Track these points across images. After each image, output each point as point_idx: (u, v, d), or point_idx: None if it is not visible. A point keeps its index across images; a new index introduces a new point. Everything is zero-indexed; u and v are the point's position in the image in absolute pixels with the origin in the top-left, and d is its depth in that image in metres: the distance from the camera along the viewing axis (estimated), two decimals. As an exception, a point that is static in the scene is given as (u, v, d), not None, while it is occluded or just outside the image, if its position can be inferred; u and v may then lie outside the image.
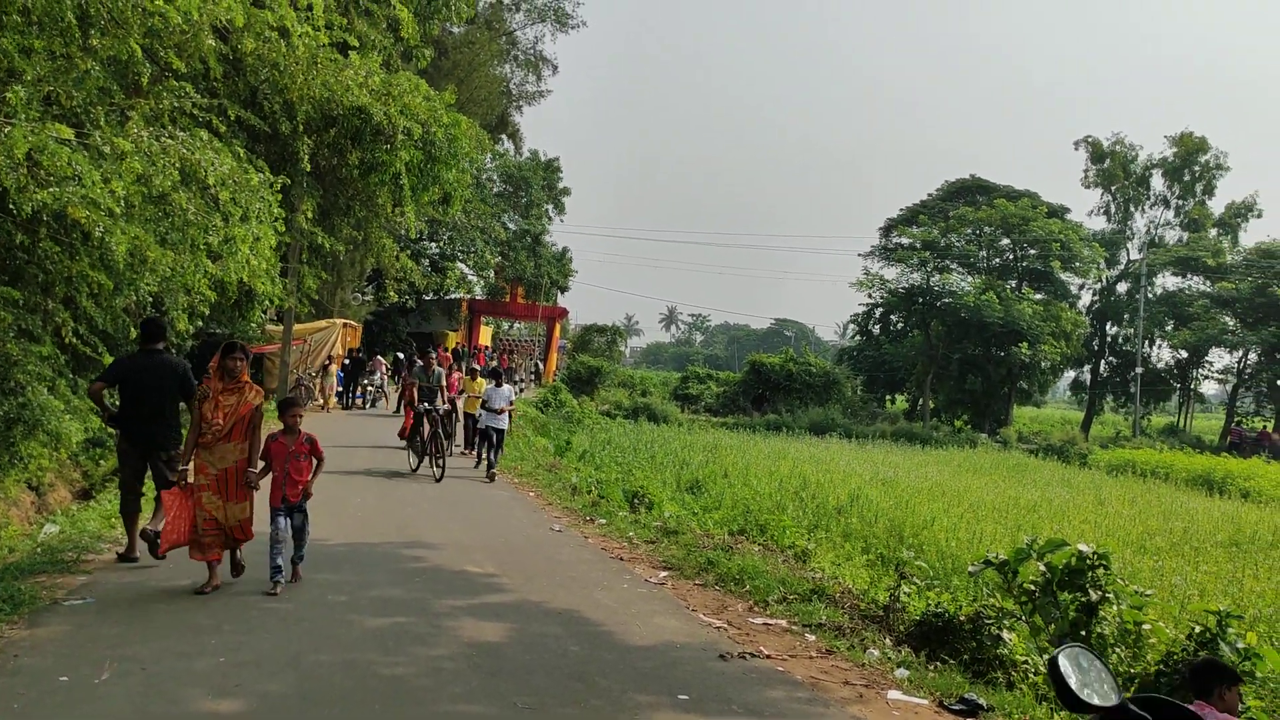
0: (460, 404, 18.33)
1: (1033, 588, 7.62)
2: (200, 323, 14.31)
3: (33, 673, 5.48)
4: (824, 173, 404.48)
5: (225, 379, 7.68)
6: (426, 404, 15.49)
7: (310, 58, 13.48)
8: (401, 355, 31.88)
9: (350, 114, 14.86)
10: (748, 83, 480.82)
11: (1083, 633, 7.16)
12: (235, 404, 7.62)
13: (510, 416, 16.61)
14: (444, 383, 16.43)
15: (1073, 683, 2.76)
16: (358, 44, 15.64)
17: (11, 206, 8.53)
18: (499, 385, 16.44)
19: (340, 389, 27.53)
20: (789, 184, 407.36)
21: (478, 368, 21.24)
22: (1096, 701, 2.76)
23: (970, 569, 8.42)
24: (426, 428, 15.29)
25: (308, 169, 15.34)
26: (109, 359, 10.79)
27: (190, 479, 7.60)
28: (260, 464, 7.76)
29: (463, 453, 18.21)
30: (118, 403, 8.62)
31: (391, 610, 7.36)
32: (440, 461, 14.93)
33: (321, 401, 25.11)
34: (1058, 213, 51.71)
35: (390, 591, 7.94)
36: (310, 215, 18.98)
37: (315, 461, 8.03)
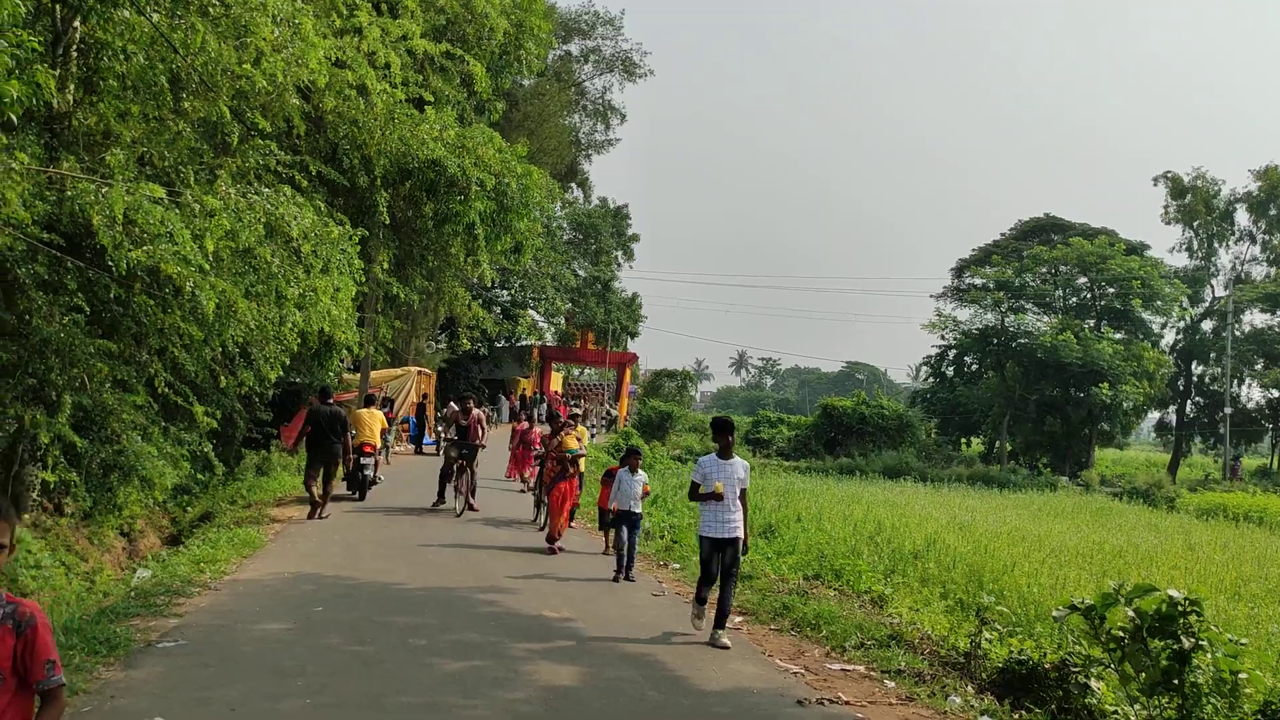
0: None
1: (1121, 634, 7.36)
2: (281, 372, 14.73)
3: (128, 713, 5.64)
4: (896, 214, 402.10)
5: None
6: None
7: (388, 114, 13.97)
8: (540, 407, 30.85)
9: (425, 167, 15.30)
10: (813, 131, 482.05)
11: (1175, 681, 6.91)
12: None
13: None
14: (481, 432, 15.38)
15: None
16: (433, 99, 16.14)
17: (109, 263, 8.93)
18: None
19: (413, 433, 28.31)
20: (859, 226, 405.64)
21: (580, 413, 18.45)
22: None
23: (1055, 614, 8.18)
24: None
25: (386, 221, 15.78)
26: (198, 407, 11.21)
27: None
28: None
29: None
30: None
31: (469, 654, 7.43)
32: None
33: (398, 449, 25.70)
34: (1137, 250, 50.70)
35: (468, 635, 8.02)
36: (386, 266, 19.46)
37: (39, 701, 2.95)
